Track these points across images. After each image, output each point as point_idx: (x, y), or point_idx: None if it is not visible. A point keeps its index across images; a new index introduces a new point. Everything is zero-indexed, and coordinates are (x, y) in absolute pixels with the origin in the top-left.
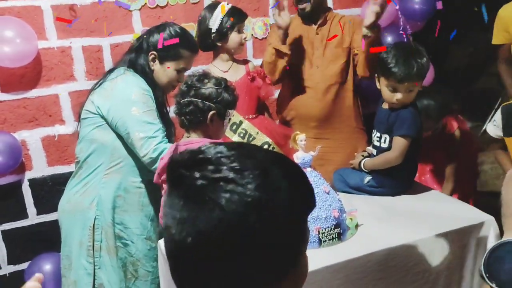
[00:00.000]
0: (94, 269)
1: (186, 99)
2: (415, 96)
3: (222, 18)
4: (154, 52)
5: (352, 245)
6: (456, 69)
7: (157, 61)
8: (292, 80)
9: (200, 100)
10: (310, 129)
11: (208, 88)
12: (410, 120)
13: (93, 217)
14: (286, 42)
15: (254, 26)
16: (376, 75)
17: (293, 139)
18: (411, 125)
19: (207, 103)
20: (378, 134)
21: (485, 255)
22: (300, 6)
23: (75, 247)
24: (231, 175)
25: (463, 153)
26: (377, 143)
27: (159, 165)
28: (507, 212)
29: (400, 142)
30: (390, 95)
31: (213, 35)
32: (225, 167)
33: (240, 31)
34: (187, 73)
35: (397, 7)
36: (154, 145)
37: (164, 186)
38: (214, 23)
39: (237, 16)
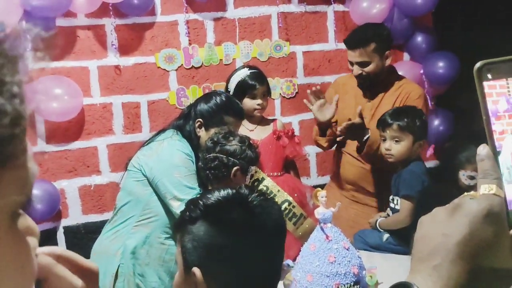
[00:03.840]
0: None
1: (211, 155)
2: (413, 153)
3: (237, 83)
4: (200, 120)
5: None
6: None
7: (203, 128)
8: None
9: (225, 156)
10: (346, 190)
11: (233, 145)
12: (409, 180)
13: (117, 265)
14: (326, 134)
15: (283, 86)
16: None
17: (314, 195)
18: (411, 185)
19: (232, 159)
20: (391, 197)
21: None
22: (359, 81)
23: None
24: None
25: None
26: (392, 205)
27: None
28: (413, 252)
29: (404, 204)
30: (382, 146)
31: None
32: None
33: (254, 97)
34: None
35: (422, 71)
36: None
37: None
38: (231, 85)
39: (250, 82)
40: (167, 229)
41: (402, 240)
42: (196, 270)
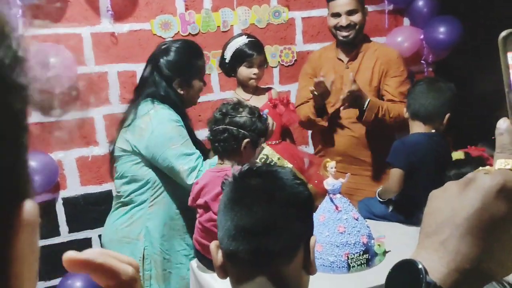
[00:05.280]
0: None
1: (221, 127)
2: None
3: (234, 51)
4: (177, 78)
5: (380, 271)
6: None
7: (185, 85)
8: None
9: (235, 128)
10: (336, 163)
11: (243, 116)
12: (393, 149)
13: (142, 248)
14: (323, 115)
15: (281, 54)
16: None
17: (324, 166)
18: (394, 154)
19: (242, 131)
20: None
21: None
22: (344, 34)
23: None
24: None
25: None
26: None
27: (194, 189)
28: (421, 226)
29: (391, 172)
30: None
31: (226, 65)
32: None
33: (250, 66)
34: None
35: (422, 36)
36: (197, 173)
37: (199, 210)
38: (227, 53)
39: (247, 51)
40: (178, 199)
41: (407, 211)
42: (212, 244)
